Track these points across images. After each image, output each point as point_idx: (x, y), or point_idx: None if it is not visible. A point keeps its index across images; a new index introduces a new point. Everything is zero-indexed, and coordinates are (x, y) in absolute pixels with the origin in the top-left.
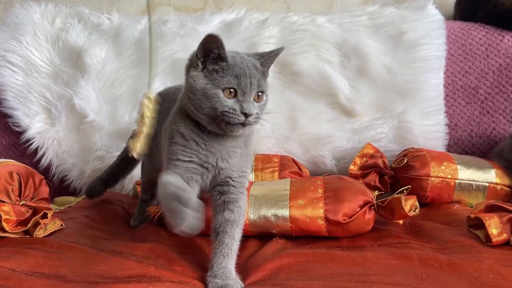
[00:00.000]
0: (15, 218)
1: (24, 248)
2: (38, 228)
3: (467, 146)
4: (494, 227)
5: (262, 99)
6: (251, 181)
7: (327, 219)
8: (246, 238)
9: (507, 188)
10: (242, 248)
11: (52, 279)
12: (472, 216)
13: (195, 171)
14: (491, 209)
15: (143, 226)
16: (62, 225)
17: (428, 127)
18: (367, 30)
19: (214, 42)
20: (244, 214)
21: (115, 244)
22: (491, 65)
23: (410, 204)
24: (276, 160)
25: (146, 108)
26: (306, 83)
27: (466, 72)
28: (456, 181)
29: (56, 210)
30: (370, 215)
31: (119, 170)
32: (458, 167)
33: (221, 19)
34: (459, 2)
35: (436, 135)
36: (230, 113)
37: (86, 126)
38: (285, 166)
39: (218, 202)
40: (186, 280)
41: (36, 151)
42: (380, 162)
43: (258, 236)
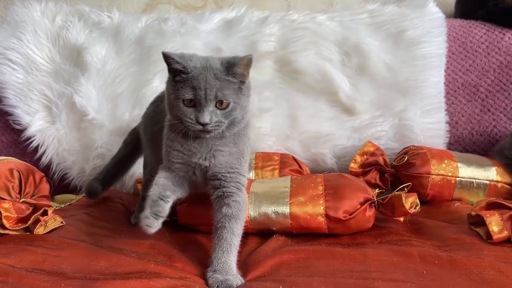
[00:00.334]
0: (15, 215)
1: (24, 245)
2: (38, 225)
3: (467, 144)
4: (495, 224)
5: (229, 107)
6: (251, 179)
7: (327, 216)
8: (246, 235)
9: (507, 185)
10: (243, 244)
11: (52, 276)
12: (473, 213)
13: (183, 169)
14: (491, 206)
15: None
16: (62, 222)
17: (429, 125)
18: (368, 28)
19: (166, 59)
20: (243, 209)
21: (116, 241)
22: (491, 63)
23: (410, 202)
24: (276, 158)
25: None
26: (307, 81)
27: (467, 70)
28: (457, 179)
29: (56, 208)
30: (370, 212)
31: (114, 172)
32: (459, 165)
33: (221, 17)
34: (460, 0)
35: (436, 133)
36: (187, 121)
37: (87, 124)
38: (285, 164)
39: (214, 197)
40: (186, 276)
41: (36, 149)
42: (380, 160)
43: (259, 233)
